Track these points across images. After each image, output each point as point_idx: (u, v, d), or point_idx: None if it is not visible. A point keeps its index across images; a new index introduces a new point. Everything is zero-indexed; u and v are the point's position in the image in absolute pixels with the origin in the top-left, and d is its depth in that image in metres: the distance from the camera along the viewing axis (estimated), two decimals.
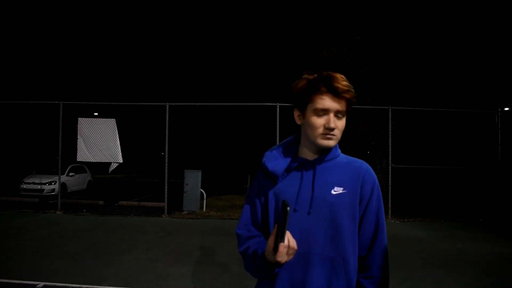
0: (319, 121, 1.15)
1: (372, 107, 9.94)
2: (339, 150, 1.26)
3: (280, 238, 1.01)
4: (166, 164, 9.04)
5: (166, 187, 8.95)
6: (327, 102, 1.14)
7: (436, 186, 12.58)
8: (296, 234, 1.13)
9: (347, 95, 1.14)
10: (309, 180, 1.19)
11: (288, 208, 0.99)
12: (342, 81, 1.13)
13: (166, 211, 8.92)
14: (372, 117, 10.91)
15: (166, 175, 8.98)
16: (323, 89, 1.14)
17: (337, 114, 1.15)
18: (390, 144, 8.85)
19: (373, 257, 1.18)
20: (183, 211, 9.26)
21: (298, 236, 1.13)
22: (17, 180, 13.11)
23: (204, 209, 9.70)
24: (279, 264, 1.11)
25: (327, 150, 1.21)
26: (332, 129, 1.14)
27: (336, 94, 1.13)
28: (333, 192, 1.16)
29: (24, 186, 12.36)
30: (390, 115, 8.92)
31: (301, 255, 1.14)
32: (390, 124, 8.89)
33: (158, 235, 6.70)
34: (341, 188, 1.17)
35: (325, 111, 1.14)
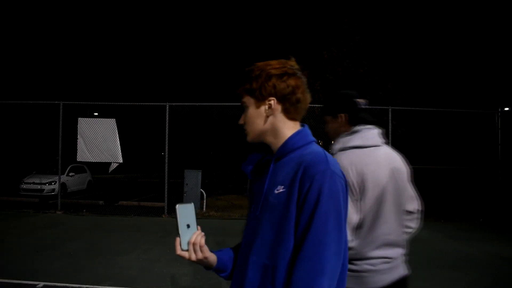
0: None
1: (372, 107, 9.93)
2: (298, 143, 1.04)
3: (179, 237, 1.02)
4: (166, 164, 9.03)
5: (166, 187, 8.95)
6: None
7: (436, 186, 12.58)
8: (248, 236, 1.09)
9: (240, 87, 1.08)
10: (265, 179, 1.07)
11: (177, 206, 1.01)
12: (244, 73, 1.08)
13: (166, 211, 8.92)
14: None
15: (166, 175, 8.97)
16: None
17: (244, 107, 1.09)
18: (390, 144, 8.82)
19: (296, 269, 0.90)
20: None
21: (248, 239, 1.08)
22: (17, 180, 13.10)
23: (204, 209, 9.70)
24: (210, 266, 1.12)
25: (268, 145, 1.10)
26: (242, 125, 1.10)
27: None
28: (275, 191, 1.00)
29: (24, 186, 12.35)
30: (390, 115, 8.92)
31: (245, 258, 1.05)
32: (390, 124, 8.88)
33: (158, 235, 6.70)
34: (282, 187, 0.98)
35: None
